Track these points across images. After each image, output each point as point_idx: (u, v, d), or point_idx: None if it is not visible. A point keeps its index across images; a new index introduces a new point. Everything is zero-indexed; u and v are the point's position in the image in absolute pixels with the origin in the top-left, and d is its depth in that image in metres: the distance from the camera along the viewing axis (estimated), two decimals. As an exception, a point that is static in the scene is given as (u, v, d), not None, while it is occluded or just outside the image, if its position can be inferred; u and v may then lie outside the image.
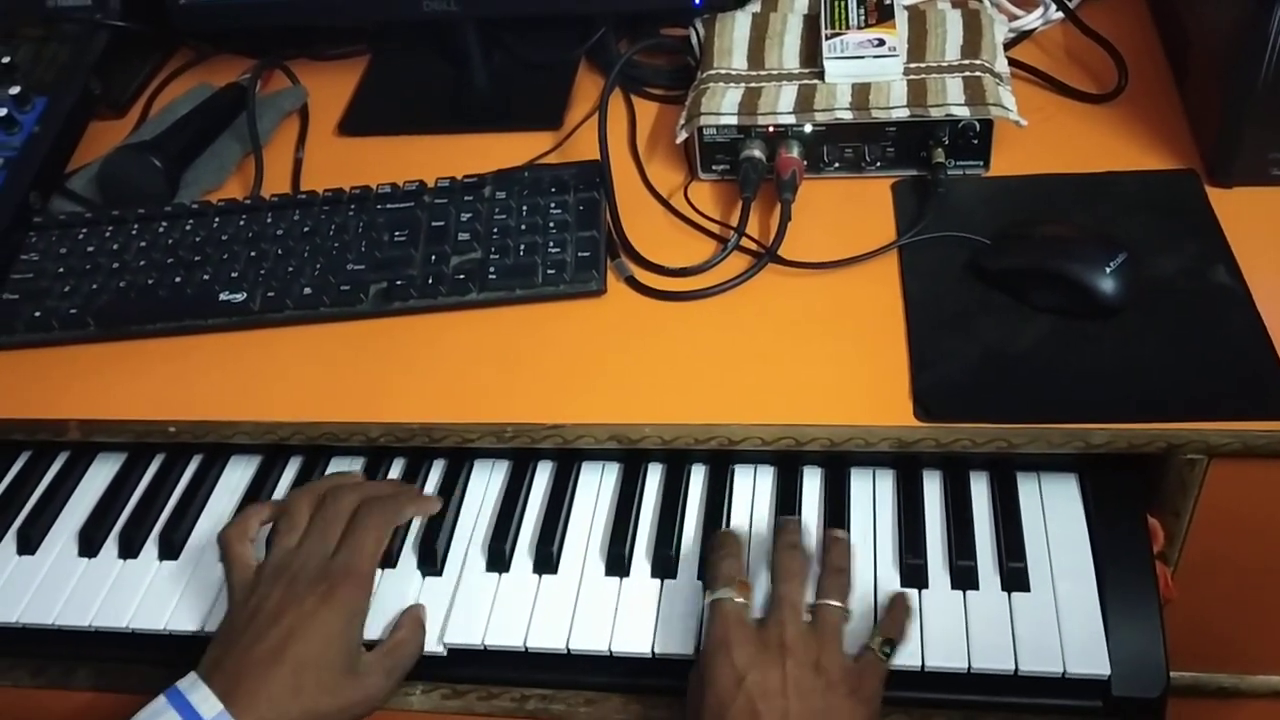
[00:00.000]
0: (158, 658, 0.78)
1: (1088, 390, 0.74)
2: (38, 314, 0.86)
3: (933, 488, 0.78)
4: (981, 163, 0.90)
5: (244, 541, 0.75)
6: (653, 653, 0.72)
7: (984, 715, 0.71)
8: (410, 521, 0.80)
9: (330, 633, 0.69)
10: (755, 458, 0.81)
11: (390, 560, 0.78)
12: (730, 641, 0.67)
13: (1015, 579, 0.72)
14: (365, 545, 0.73)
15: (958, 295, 0.81)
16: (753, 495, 0.80)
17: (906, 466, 0.79)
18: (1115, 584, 0.72)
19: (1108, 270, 0.77)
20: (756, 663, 0.65)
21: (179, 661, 0.75)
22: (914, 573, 0.73)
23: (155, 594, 0.79)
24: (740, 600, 0.69)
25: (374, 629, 0.73)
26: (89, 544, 0.82)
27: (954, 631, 0.70)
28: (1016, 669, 0.68)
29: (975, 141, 0.88)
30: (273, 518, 0.76)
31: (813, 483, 0.80)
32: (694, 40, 1.01)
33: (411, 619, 0.74)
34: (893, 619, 0.70)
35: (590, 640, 0.73)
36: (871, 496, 0.78)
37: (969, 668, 0.69)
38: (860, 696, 0.66)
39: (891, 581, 0.73)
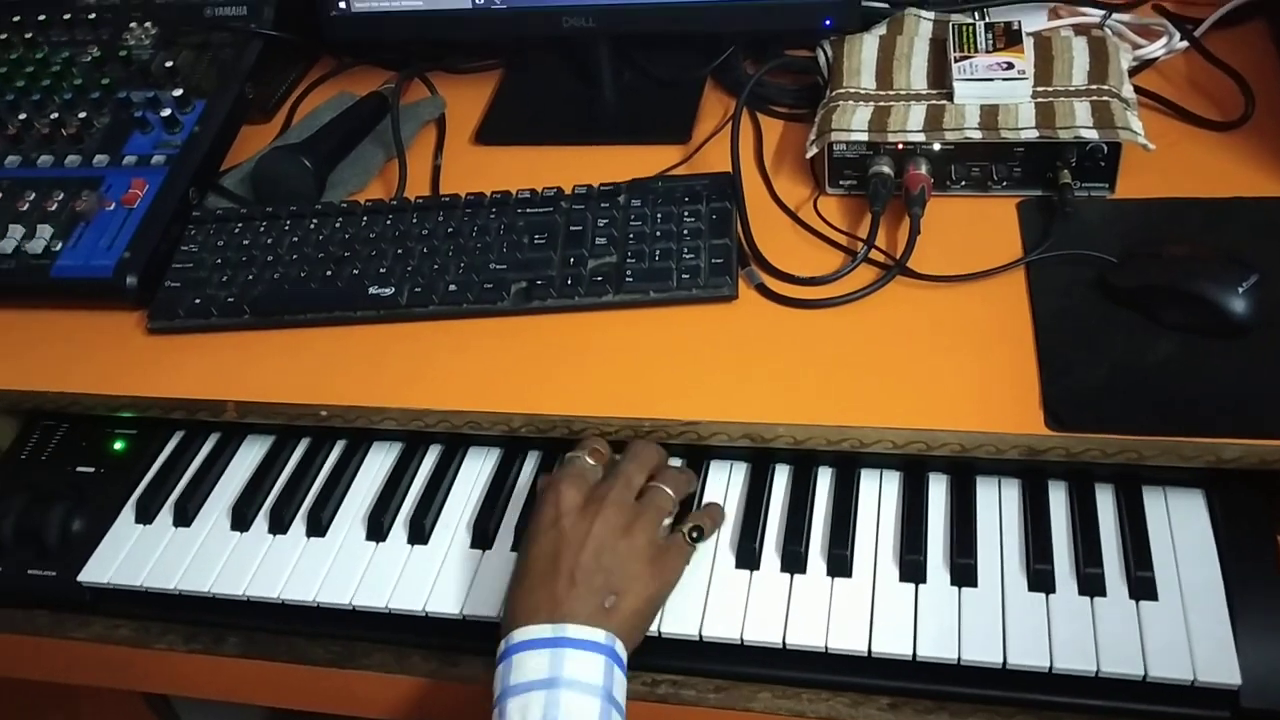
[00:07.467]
0: (306, 630, 0.82)
1: (1219, 407, 0.75)
2: (198, 301, 0.92)
3: (1058, 500, 0.80)
4: (1107, 185, 0.91)
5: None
6: (784, 642, 0.75)
7: (1109, 722, 0.72)
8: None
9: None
10: (881, 462, 0.83)
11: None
12: (563, 486, 0.75)
13: (1143, 587, 0.73)
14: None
15: (1086, 311, 0.83)
16: (879, 499, 0.82)
17: (1032, 477, 0.81)
18: (1244, 598, 0.73)
19: (1240, 290, 0.78)
20: (573, 511, 0.73)
21: (327, 634, 0.81)
22: (1041, 578, 0.75)
23: (304, 568, 0.82)
24: (591, 463, 0.77)
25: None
26: (241, 519, 0.86)
27: (1082, 636, 0.72)
28: (1145, 675, 0.70)
29: (1102, 164, 0.90)
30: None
31: (938, 489, 0.82)
32: (821, 60, 1.04)
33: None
34: (705, 513, 0.79)
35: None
36: (997, 504, 0.80)
37: (1097, 671, 0.70)
38: (657, 568, 0.73)
39: (1018, 585, 0.75)
